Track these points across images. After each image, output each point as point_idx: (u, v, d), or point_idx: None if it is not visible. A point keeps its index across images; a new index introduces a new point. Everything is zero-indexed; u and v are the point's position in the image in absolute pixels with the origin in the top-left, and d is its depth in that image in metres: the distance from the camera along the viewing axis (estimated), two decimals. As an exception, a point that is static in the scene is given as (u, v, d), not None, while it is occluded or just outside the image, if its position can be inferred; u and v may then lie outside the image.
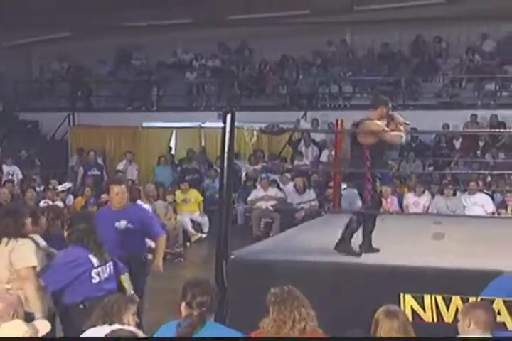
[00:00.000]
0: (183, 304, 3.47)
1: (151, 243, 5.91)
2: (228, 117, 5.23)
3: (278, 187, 11.60)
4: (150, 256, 5.85)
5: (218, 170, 6.91)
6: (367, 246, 5.55)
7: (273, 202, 11.09)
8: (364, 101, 15.40)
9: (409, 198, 9.96)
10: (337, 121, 8.43)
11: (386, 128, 5.67)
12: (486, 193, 10.11)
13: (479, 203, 9.57)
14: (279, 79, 16.51)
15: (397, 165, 12.89)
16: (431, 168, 12.46)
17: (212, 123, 14.19)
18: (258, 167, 12.90)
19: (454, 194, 9.83)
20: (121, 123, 15.20)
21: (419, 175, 11.70)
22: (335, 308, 4.63)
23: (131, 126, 15.32)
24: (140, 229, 5.45)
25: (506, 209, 9.26)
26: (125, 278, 4.65)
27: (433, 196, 10.25)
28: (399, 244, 5.89)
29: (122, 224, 5.38)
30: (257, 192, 11.48)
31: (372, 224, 5.62)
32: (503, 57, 15.54)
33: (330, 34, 17.06)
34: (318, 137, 14.45)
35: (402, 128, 5.79)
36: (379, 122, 5.63)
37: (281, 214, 10.67)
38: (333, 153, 9.24)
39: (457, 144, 13.22)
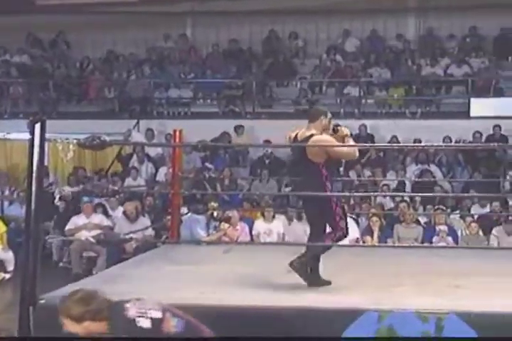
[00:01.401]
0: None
1: None
2: (37, 127, 5.12)
3: (105, 213, 11.44)
4: None
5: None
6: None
7: (97, 232, 10.92)
8: (208, 108, 15.69)
9: (260, 225, 10.18)
10: (175, 131, 8.47)
11: (338, 143, 5.84)
12: (349, 217, 10.54)
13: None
14: (105, 80, 16.37)
15: (248, 186, 13.18)
16: (288, 189, 12.82)
17: (21, 133, 13.75)
18: (77, 189, 12.66)
19: (314, 218, 10.15)
20: None
21: (273, 197, 12.01)
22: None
23: None
24: None
25: (372, 236, 9.71)
26: None
27: (290, 222, 10.55)
28: (249, 281, 6.01)
29: None
30: (78, 220, 11.24)
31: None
32: (368, 58, 16.42)
33: (167, 27, 17.21)
34: (153, 151, 14.45)
35: (351, 141, 5.98)
36: (328, 137, 5.84)
37: (108, 247, 10.52)
38: (171, 170, 9.25)
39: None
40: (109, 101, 16.11)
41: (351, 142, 6.02)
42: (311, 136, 5.79)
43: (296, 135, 5.92)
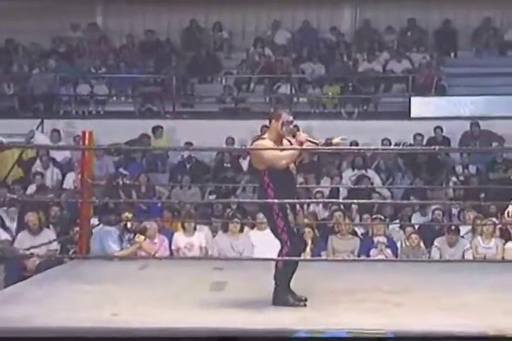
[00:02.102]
0: None
1: None
2: None
3: (2, 225, 11.26)
4: None
5: None
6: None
7: (-6, 247, 10.72)
8: (122, 106, 15.59)
9: (179, 238, 10.15)
10: (84, 133, 8.39)
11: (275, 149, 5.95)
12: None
13: (271, 241, 9.96)
14: (3, 74, 16.09)
15: (167, 193, 13.13)
16: (212, 197, 12.82)
17: None
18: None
19: (242, 230, 10.18)
20: None
21: (196, 205, 11.99)
22: None
23: None
24: None
25: (304, 249, 9.75)
26: None
27: (214, 234, 10.55)
28: (166, 300, 6.01)
29: None
30: (-29, 234, 11.03)
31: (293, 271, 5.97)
32: (300, 52, 16.55)
33: (75, 15, 17.03)
34: (60, 155, 14.26)
35: (296, 146, 6.07)
36: (267, 142, 5.98)
37: (6, 264, 10.33)
38: (80, 176, 9.15)
39: (245, 164, 13.77)
40: (8, 98, 15.86)
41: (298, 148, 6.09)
42: (256, 140, 6.02)
43: None
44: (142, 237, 8.90)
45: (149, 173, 13.58)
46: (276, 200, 5.85)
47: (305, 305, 5.83)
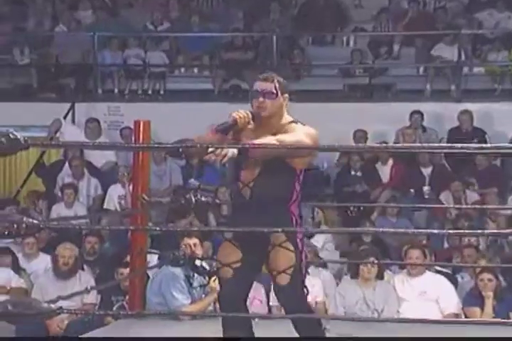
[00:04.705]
0: None
1: None
2: None
3: (14, 264, 11.50)
4: None
5: None
6: None
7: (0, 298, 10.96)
8: (195, 83, 15.68)
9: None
10: (137, 123, 8.47)
11: None
12: (439, 272, 10.51)
13: (430, 293, 9.92)
14: (13, 32, 16.54)
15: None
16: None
17: None
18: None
19: (380, 275, 10.12)
20: None
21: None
22: None
23: None
24: None
25: (482, 306, 9.58)
26: None
27: (337, 280, 10.61)
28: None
29: None
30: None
31: None
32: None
33: None
34: (100, 158, 14.42)
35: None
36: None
37: (19, 323, 10.54)
38: (130, 190, 9.31)
39: (386, 172, 13.74)
40: (22, 71, 16.19)
41: None
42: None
43: None
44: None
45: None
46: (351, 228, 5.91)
47: None
